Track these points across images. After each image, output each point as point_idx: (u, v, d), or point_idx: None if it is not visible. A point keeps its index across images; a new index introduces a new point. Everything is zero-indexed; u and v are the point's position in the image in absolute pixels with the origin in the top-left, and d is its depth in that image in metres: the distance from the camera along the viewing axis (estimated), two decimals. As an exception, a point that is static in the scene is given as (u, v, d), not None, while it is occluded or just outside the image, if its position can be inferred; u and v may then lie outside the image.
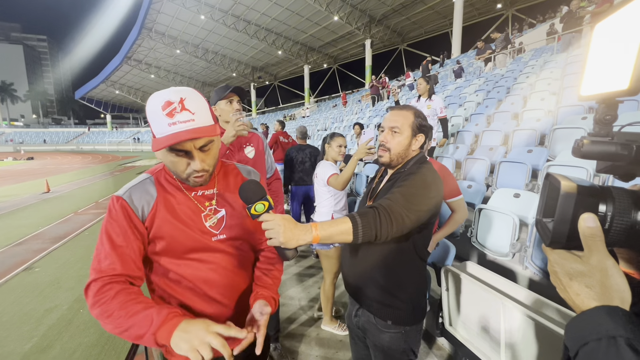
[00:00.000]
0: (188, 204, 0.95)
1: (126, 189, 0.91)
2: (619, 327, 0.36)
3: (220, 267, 0.98)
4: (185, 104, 0.82)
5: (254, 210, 0.85)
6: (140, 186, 0.92)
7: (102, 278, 0.81)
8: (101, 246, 0.86)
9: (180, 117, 0.80)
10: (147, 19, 27.25)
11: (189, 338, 0.72)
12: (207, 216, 0.97)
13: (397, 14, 25.15)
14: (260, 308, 0.94)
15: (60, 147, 49.30)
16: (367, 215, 0.96)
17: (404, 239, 1.15)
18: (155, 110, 0.81)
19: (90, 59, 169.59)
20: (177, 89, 0.84)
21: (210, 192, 1.00)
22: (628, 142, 0.44)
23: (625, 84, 0.39)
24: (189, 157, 0.86)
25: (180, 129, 0.80)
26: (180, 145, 0.83)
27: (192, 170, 0.87)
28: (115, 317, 0.77)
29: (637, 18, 0.38)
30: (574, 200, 0.42)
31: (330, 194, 2.42)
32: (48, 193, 9.22)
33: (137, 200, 0.90)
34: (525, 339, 1.37)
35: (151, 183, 0.94)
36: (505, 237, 2.34)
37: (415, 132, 1.24)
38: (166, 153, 0.85)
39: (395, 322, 1.20)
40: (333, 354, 2.28)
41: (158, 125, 0.81)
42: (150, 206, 0.91)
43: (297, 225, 0.87)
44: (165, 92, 0.83)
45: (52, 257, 4.42)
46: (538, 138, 4.01)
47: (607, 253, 0.41)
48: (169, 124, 0.80)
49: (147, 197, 0.91)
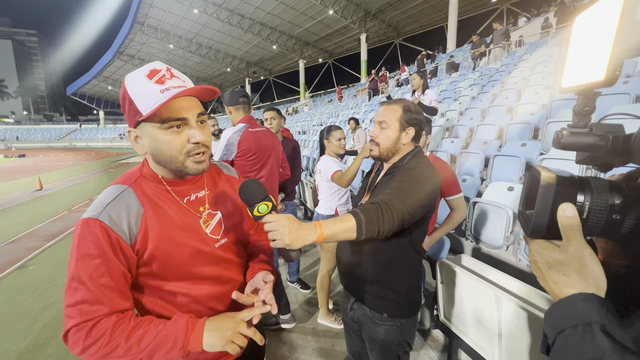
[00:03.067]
0: (182, 213, 0.83)
1: (101, 208, 0.73)
2: (594, 313, 0.37)
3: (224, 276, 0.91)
4: (173, 72, 0.75)
5: (257, 212, 0.79)
6: (119, 202, 0.75)
7: (86, 322, 0.68)
8: (78, 284, 0.69)
9: (171, 82, 0.72)
10: (140, 12, 26.81)
11: (221, 335, 0.72)
12: (205, 222, 0.87)
13: (393, 8, 24.99)
14: (264, 276, 0.86)
15: (53, 144, 48.66)
16: (370, 212, 0.97)
17: (401, 233, 1.16)
18: (140, 81, 0.71)
19: (82, 54, 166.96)
20: None
21: (202, 194, 0.89)
22: (606, 134, 0.44)
23: (601, 75, 0.40)
24: (187, 127, 0.75)
25: (176, 91, 0.70)
26: (177, 111, 0.72)
27: (193, 144, 0.75)
28: (123, 350, 0.68)
29: (613, 10, 0.39)
30: (553, 190, 0.43)
31: (333, 190, 2.43)
32: (41, 190, 9.11)
33: (119, 220, 0.73)
34: (519, 330, 1.39)
35: (132, 195, 0.77)
36: (499, 230, 2.37)
37: (404, 125, 1.23)
38: (158, 132, 0.73)
39: (391, 314, 1.22)
40: (329, 347, 2.31)
41: (145, 97, 0.70)
42: (139, 225, 0.75)
43: (302, 225, 0.85)
44: (146, 65, 0.74)
45: (46, 254, 4.38)
46: (532, 132, 4.04)
47: (584, 242, 0.42)
48: (161, 90, 0.70)
49: (131, 214, 0.75)
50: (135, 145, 0.78)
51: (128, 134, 0.79)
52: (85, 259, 0.70)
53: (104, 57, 38.99)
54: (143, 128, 0.74)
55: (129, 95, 0.71)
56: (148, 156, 0.81)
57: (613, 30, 0.38)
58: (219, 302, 0.89)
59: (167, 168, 0.80)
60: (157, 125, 0.72)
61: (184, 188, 0.85)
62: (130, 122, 0.75)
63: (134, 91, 0.71)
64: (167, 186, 0.83)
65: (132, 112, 0.72)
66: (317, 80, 42.91)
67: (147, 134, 0.75)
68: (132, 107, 0.71)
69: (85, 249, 0.70)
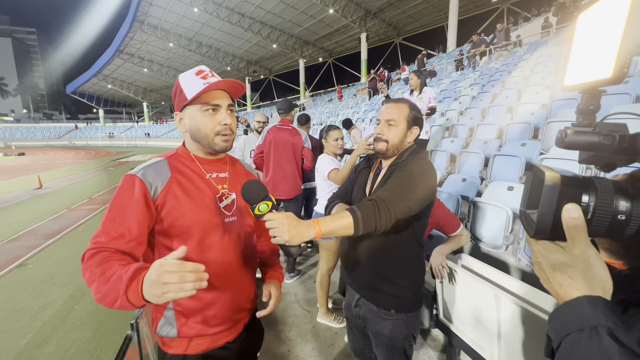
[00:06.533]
0: (204, 185, 0.99)
1: (140, 168, 0.94)
2: (600, 317, 0.36)
3: (226, 254, 1.00)
4: (213, 73, 0.97)
5: (257, 211, 0.87)
6: (154, 166, 0.95)
7: (95, 248, 0.83)
8: (105, 220, 0.87)
9: (211, 79, 0.94)
10: (139, 11, 26.70)
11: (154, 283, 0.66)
12: (223, 196, 1.02)
13: (393, 7, 24.92)
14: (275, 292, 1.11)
15: (52, 143, 48.57)
16: (367, 208, 1.00)
17: (403, 228, 1.19)
18: (190, 76, 0.94)
19: (81, 52, 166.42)
20: None
21: (223, 175, 1.06)
22: (610, 133, 0.44)
23: (609, 72, 0.39)
24: (219, 113, 0.95)
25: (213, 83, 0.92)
26: (213, 98, 0.93)
27: (222, 125, 0.95)
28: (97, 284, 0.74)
29: (620, 6, 0.38)
30: (557, 191, 0.42)
31: (331, 188, 2.46)
32: (40, 189, 9.10)
33: (150, 178, 0.92)
34: (518, 330, 1.39)
35: (165, 165, 0.97)
36: (498, 230, 2.36)
37: (411, 124, 1.26)
38: (196, 113, 0.94)
39: (399, 310, 1.24)
40: (328, 346, 2.31)
41: (192, 87, 0.92)
42: (163, 185, 0.93)
43: (300, 222, 0.90)
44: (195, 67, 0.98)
45: (46, 253, 4.38)
46: (532, 131, 4.04)
47: (590, 243, 0.41)
48: (204, 83, 0.92)
49: (160, 177, 0.94)
50: (178, 125, 1.00)
51: (175, 116, 1.01)
52: (115, 200, 0.89)
53: (103, 55, 38.83)
54: (187, 111, 0.96)
55: (180, 87, 0.95)
56: (186, 135, 1.00)
57: (621, 26, 0.38)
58: (220, 281, 0.97)
59: (200, 144, 0.99)
60: (198, 107, 0.94)
61: (210, 166, 1.04)
62: (177, 107, 0.98)
63: (185, 83, 0.94)
64: (197, 162, 1.02)
65: (181, 99, 0.94)
66: (317, 80, 42.83)
67: (189, 114, 0.96)
68: (181, 95, 0.94)
69: (118, 193, 0.90)
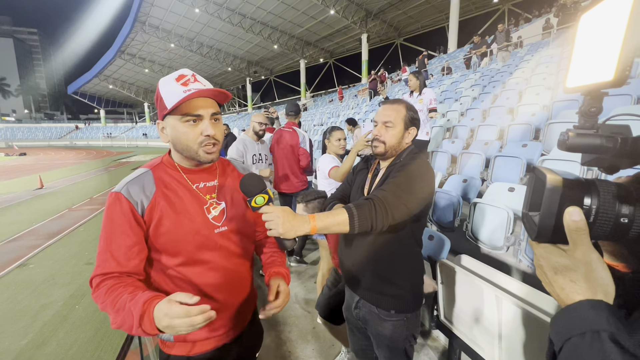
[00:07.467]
0: (190, 196, 0.95)
1: (123, 183, 0.91)
2: (602, 321, 0.36)
3: (221, 265, 0.98)
4: (197, 78, 0.89)
5: (254, 203, 0.88)
6: (138, 180, 0.91)
7: (99, 275, 0.84)
8: (101, 247, 0.87)
9: (194, 85, 0.86)
10: (141, 12, 26.71)
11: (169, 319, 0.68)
12: (210, 207, 0.98)
13: (394, 8, 24.92)
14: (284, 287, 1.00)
15: (53, 143, 48.65)
16: (363, 207, 1.00)
17: (401, 228, 1.18)
18: (169, 82, 0.86)
19: (83, 52, 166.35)
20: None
21: (212, 184, 1.00)
22: (613, 135, 0.43)
23: (610, 74, 0.39)
24: (201, 123, 0.88)
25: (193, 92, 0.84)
26: (194, 108, 0.86)
27: (205, 136, 0.89)
28: (111, 315, 0.77)
29: (622, 8, 0.38)
30: (559, 193, 0.42)
31: (332, 186, 2.49)
32: (41, 189, 9.12)
33: (135, 194, 0.88)
34: (519, 331, 1.39)
35: (149, 177, 0.93)
36: (499, 231, 2.36)
37: (408, 125, 1.27)
38: (177, 124, 0.87)
39: (399, 310, 1.24)
40: (329, 347, 2.30)
41: (172, 95, 0.84)
42: (149, 201, 0.89)
43: (296, 216, 0.90)
44: (176, 71, 0.90)
45: (46, 253, 4.38)
46: (533, 132, 4.04)
47: (592, 247, 0.41)
48: (184, 90, 0.84)
49: (145, 192, 0.90)
50: (161, 134, 0.94)
51: (157, 125, 0.94)
52: (105, 221, 0.88)
53: (105, 56, 38.83)
54: (168, 120, 0.89)
55: (160, 94, 0.87)
56: (170, 145, 0.95)
57: (622, 28, 0.37)
58: (216, 290, 0.96)
59: (183, 155, 0.93)
60: (178, 118, 0.87)
61: (197, 176, 0.98)
62: (159, 115, 0.91)
63: (164, 90, 0.86)
64: (182, 173, 0.96)
65: (161, 107, 0.87)
66: (318, 80, 42.79)
67: (170, 125, 0.89)
68: (161, 103, 0.87)
69: (106, 214, 0.88)
